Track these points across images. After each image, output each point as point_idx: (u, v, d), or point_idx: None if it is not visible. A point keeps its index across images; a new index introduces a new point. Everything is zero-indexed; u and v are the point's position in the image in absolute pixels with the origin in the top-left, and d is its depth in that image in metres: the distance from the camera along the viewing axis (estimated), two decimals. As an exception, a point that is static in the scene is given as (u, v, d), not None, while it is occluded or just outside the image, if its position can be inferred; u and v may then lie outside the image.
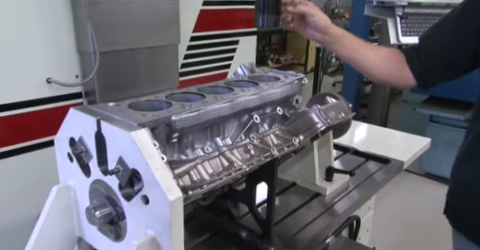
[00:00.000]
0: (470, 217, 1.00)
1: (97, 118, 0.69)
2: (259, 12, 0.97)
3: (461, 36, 0.96)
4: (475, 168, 0.96)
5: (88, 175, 0.77)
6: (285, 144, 0.94)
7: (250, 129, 0.91)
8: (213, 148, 0.85)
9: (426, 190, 2.96)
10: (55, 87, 1.26)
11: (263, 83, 0.97)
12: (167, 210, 0.62)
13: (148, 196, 0.65)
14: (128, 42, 1.32)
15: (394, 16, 1.58)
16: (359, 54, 1.07)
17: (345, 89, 3.88)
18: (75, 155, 0.78)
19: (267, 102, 0.93)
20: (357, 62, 1.07)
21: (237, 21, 1.82)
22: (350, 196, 1.28)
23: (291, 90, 1.00)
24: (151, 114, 0.72)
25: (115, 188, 0.71)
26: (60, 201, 0.82)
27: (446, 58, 1.00)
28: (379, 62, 1.07)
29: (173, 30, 1.45)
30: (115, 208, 0.73)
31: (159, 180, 0.61)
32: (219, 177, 0.79)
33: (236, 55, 1.88)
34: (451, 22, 0.99)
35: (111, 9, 1.25)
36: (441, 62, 1.00)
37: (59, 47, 1.25)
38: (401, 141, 1.84)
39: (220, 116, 0.81)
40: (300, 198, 1.25)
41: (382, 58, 1.07)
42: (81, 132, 0.74)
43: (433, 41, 1.03)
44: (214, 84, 0.95)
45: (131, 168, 0.65)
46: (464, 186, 1.01)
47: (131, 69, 1.37)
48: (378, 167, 1.48)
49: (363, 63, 1.08)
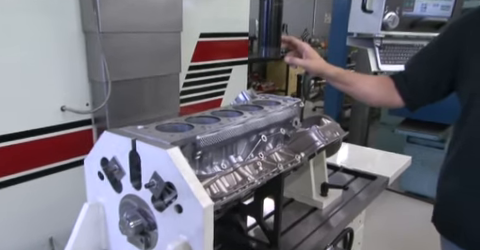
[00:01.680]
0: (455, 225, 1.13)
1: (132, 139, 0.79)
2: (262, 45, 1.11)
3: (440, 65, 1.13)
4: (458, 181, 1.10)
5: (119, 191, 0.86)
6: (289, 161, 1.06)
7: (258, 148, 1.02)
8: (228, 165, 0.95)
9: (407, 207, 3.10)
10: (68, 115, 1.35)
11: (267, 107, 1.10)
12: (200, 216, 0.71)
13: (182, 205, 0.74)
14: (135, 72, 1.43)
15: (373, 46, 1.77)
16: (353, 87, 1.26)
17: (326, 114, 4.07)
18: (107, 173, 0.86)
19: (272, 123, 1.05)
20: (352, 93, 1.27)
21: (230, 51, 1.97)
22: (344, 209, 1.40)
23: (291, 112, 1.13)
24: (178, 135, 0.83)
25: (147, 201, 0.80)
26: (90, 217, 0.90)
27: (429, 84, 1.16)
28: (371, 91, 1.26)
29: (175, 60, 1.58)
30: (147, 219, 0.81)
31: (193, 190, 0.71)
32: (235, 190, 0.89)
33: (229, 82, 2.02)
34: (431, 53, 1.17)
35: (121, 42, 1.37)
36: (425, 87, 1.17)
37: (72, 77, 1.35)
38: (384, 159, 1.99)
39: (234, 136, 0.93)
40: (299, 212, 1.35)
41: (374, 87, 1.25)
42: (114, 152, 0.84)
43: (417, 69, 1.20)
44: (224, 108, 1.07)
45: (165, 181, 0.75)
46: (449, 197, 1.14)
47: (137, 97, 1.47)
48: (366, 183, 1.61)
49: (358, 94, 1.28)
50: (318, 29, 8.07)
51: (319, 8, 8.11)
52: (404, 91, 1.18)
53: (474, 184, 1.06)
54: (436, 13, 1.75)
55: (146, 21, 1.40)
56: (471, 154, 1.06)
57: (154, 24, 1.43)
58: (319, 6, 8.07)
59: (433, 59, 1.14)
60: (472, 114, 1.05)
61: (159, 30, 1.46)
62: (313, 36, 7.75)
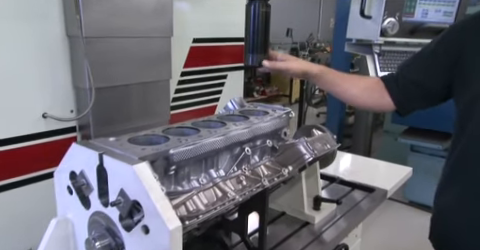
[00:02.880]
0: (451, 242, 1.05)
1: (99, 152, 0.73)
2: (248, 52, 1.05)
3: (434, 71, 1.06)
4: (452, 196, 1.03)
5: (88, 207, 0.80)
6: (275, 175, 1.00)
7: (242, 161, 0.96)
8: (207, 179, 0.89)
9: (410, 218, 3.01)
10: (50, 122, 1.30)
11: (253, 117, 1.04)
12: (167, 239, 0.65)
13: (148, 226, 0.68)
14: (122, 78, 1.38)
15: (372, 53, 1.70)
16: (339, 88, 1.17)
17: (329, 120, 4.00)
18: (75, 188, 0.81)
19: (257, 135, 0.99)
20: (337, 95, 1.18)
21: (225, 57, 1.91)
22: (338, 224, 1.32)
23: (279, 123, 1.07)
24: (150, 148, 0.77)
25: (115, 219, 0.74)
26: (58, 233, 0.85)
27: (421, 88, 1.09)
28: (359, 93, 1.17)
29: (165, 66, 1.52)
30: (114, 239, 0.76)
31: (160, 211, 0.65)
32: (213, 207, 0.83)
33: (225, 89, 1.96)
34: (426, 57, 1.10)
35: (106, 47, 1.32)
36: (417, 92, 1.10)
37: (55, 83, 1.30)
38: (384, 170, 1.91)
39: (214, 149, 0.87)
40: (289, 227, 1.28)
41: (362, 89, 1.17)
42: (83, 166, 0.78)
43: (410, 72, 1.13)
44: (207, 119, 1.01)
45: (132, 199, 0.69)
46: (444, 213, 1.07)
47: (124, 104, 1.42)
48: (363, 196, 1.53)
49: (344, 96, 1.19)
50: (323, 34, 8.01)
51: (325, 12, 8.06)
52: (394, 93, 1.11)
53: (472, 201, 0.98)
54: (438, 19, 1.68)
55: (133, 25, 1.35)
56: (467, 168, 0.99)
57: (142, 28, 1.38)
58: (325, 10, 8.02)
59: (429, 63, 1.07)
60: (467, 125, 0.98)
61: (147, 35, 1.41)
62: (318, 40, 7.69)
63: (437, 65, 1.07)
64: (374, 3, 1.62)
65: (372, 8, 1.63)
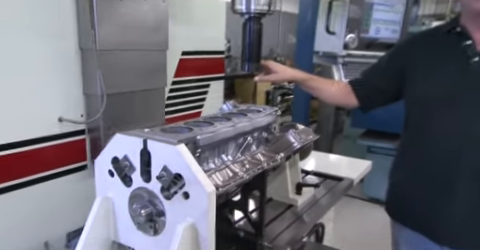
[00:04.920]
0: (402, 208, 1.36)
1: (144, 138, 0.93)
2: (245, 61, 1.29)
3: (389, 74, 1.37)
4: (404, 171, 1.34)
5: (129, 185, 0.99)
6: (270, 160, 1.23)
7: (245, 149, 1.19)
8: (220, 162, 1.11)
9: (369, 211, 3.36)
10: (64, 125, 1.45)
11: (250, 114, 1.27)
12: (206, 200, 0.86)
13: (189, 192, 0.89)
14: (126, 86, 1.57)
15: (337, 63, 2.01)
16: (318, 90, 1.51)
17: (294, 127, 4.31)
18: (118, 170, 0.99)
19: (256, 128, 1.23)
20: (319, 95, 1.53)
21: (209, 68, 2.15)
22: (316, 206, 1.58)
23: (271, 119, 1.31)
24: (181, 135, 0.98)
25: (156, 191, 0.94)
26: (101, 210, 1.02)
27: (379, 89, 1.40)
28: (333, 94, 1.50)
29: (161, 75, 1.73)
30: (155, 207, 0.95)
31: (199, 178, 0.87)
32: (228, 183, 1.05)
33: (208, 96, 2.18)
34: (382, 63, 1.41)
35: (115, 59, 1.50)
36: (376, 91, 1.41)
37: (68, 91, 1.46)
38: (348, 164, 2.21)
39: (227, 137, 1.09)
40: (277, 210, 1.52)
41: (335, 91, 1.50)
42: (126, 151, 0.97)
43: (370, 76, 1.45)
44: (214, 115, 1.24)
45: (174, 173, 0.90)
46: (397, 185, 1.37)
47: (128, 108, 1.60)
48: (335, 184, 1.81)
49: (324, 95, 1.54)
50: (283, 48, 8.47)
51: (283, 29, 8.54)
52: (358, 93, 1.42)
53: (416, 175, 1.29)
54: (388, 36, 2.03)
55: (137, 40, 1.55)
56: (413, 151, 1.30)
57: (144, 42, 1.59)
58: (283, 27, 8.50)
59: (383, 70, 1.38)
60: (411, 119, 1.30)
61: (148, 48, 1.61)
62: (278, 55, 8.12)
63: (390, 72, 1.37)
64: (337, 21, 1.94)
65: (335, 26, 1.94)
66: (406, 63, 1.31)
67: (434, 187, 1.23)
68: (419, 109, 1.28)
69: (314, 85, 1.47)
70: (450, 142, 1.19)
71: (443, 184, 1.21)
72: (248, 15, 1.25)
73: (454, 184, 1.19)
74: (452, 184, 1.19)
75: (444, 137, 1.20)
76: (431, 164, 1.23)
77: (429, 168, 1.24)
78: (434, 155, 1.23)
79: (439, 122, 1.21)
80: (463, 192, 1.18)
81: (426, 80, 1.24)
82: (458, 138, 1.17)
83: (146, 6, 1.56)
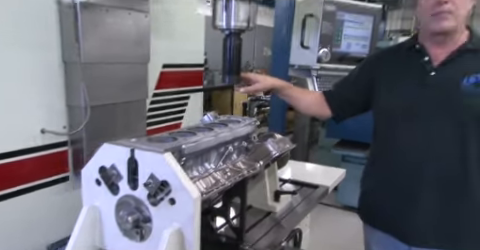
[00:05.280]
0: (373, 213, 1.45)
1: (131, 148, 0.98)
2: (226, 73, 1.37)
3: (358, 86, 1.48)
4: (373, 180, 1.44)
5: (116, 193, 1.03)
6: (250, 168, 1.30)
7: (226, 157, 1.25)
8: (203, 170, 1.16)
9: (343, 218, 3.47)
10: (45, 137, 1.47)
11: (231, 124, 1.34)
12: (191, 205, 0.92)
13: (175, 198, 0.94)
14: (110, 98, 1.60)
15: (311, 76, 2.12)
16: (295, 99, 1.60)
17: (270, 138, 4.41)
18: (105, 179, 1.03)
19: (237, 137, 1.29)
20: (296, 105, 1.62)
21: (188, 80, 2.21)
22: (293, 213, 1.65)
23: (251, 129, 1.38)
24: (167, 144, 1.03)
25: (143, 198, 0.98)
26: (88, 219, 1.05)
27: (350, 100, 1.51)
28: (308, 104, 1.59)
29: (143, 88, 1.77)
30: (142, 213, 0.99)
31: (185, 185, 0.92)
32: (211, 189, 1.10)
33: (188, 108, 2.24)
34: (353, 76, 1.52)
35: (98, 71, 1.54)
36: (347, 102, 1.51)
37: (51, 103, 1.48)
38: (323, 173, 2.30)
39: (210, 146, 1.15)
40: (257, 216, 1.58)
41: (311, 100, 1.59)
42: (113, 160, 1.02)
43: (342, 88, 1.55)
44: (196, 125, 1.29)
45: (161, 180, 0.94)
46: (367, 193, 1.47)
47: (111, 120, 1.64)
48: (311, 191, 1.88)
49: (301, 105, 1.63)
50: (258, 61, 8.65)
51: (258, 42, 8.73)
52: (331, 104, 1.52)
53: (384, 184, 1.39)
54: (357, 50, 2.16)
55: (120, 53, 1.60)
56: (381, 161, 1.41)
57: (126, 56, 1.63)
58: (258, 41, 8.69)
59: (353, 83, 1.49)
60: (377, 129, 1.40)
61: (130, 61, 1.66)
62: (254, 67, 8.29)
63: (359, 85, 1.48)
64: (311, 37, 2.05)
65: (309, 41, 2.05)
66: (373, 76, 1.42)
67: (400, 195, 1.34)
68: (384, 120, 1.38)
69: (292, 94, 1.56)
70: (412, 153, 1.29)
71: (408, 192, 1.32)
72: (228, 31, 1.33)
73: (418, 192, 1.30)
74: (416, 192, 1.30)
75: (407, 148, 1.31)
76: (397, 174, 1.34)
77: (395, 178, 1.35)
78: (399, 165, 1.34)
79: (402, 133, 1.32)
80: (426, 199, 1.29)
81: (389, 93, 1.35)
82: (419, 149, 1.28)
83: (129, 20, 1.62)
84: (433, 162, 1.27)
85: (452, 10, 1.19)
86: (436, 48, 1.29)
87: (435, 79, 1.26)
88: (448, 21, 1.20)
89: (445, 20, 1.20)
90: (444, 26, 1.22)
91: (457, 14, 1.20)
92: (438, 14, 1.20)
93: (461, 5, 1.19)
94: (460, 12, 1.20)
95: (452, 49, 1.26)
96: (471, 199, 1.27)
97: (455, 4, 1.18)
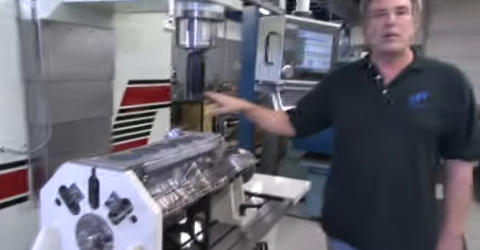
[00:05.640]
0: (333, 223, 1.50)
1: (92, 166, 0.98)
2: (189, 90, 1.40)
3: (318, 103, 1.54)
4: (334, 191, 1.49)
5: (77, 212, 1.02)
6: (214, 183, 1.32)
7: (190, 173, 1.27)
8: (166, 187, 1.17)
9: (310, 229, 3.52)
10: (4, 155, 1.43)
11: (195, 141, 1.36)
12: (152, 223, 0.93)
13: (136, 216, 0.94)
14: (72, 115, 1.59)
15: (275, 91, 2.18)
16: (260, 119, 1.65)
17: (240, 150, 4.44)
18: (66, 198, 1.02)
19: (200, 153, 1.32)
20: (261, 125, 1.67)
21: (155, 96, 2.22)
22: (259, 226, 1.68)
23: (214, 145, 1.41)
24: (129, 162, 1.04)
25: (104, 217, 0.98)
26: (47, 240, 1.03)
27: (311, 117, 1.57)
28: (273, 123, 1.64)
29: (107, 104, 1.77)
30: (103, 233, 0.99)
31: (146, 202, 0.93)
32: (174, 206, 1.12)
33: (155, 123, 2.24)
34: (313, 94, 1.59)
35: (60, 89, 1.53)
36: (309, 120, 1.57)
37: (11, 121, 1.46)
38: (289, 185, 2.35)
39: (172, 163, 1.16)
40: (222, 231, 1.59)
41: (275, 120, 1.64)
42: (74, 179, 1.01)
43: (304, 105, 1.61)
44: (161, 142, 1.31)
45: (122, 198, 0.95)
46: (329, 202, 1.52)
47: (74, 138, 1.62)
48: (276, 204, 1.92)
49: (265, 125, 1.67)
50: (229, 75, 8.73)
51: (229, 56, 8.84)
52: (294, 122, 1.58)
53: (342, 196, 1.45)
54: (319, 66, 2.25)
55: (83, 70, 1.60)
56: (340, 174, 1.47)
57: (90, 73, 1.63)
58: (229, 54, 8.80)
59: (314, 100, 1.56)
60: (336, 144, 1.47)
61: (94, 78, 1.66)
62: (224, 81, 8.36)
63: (319, 102, 1.55)
64: (274, 53, 2.12)
65: (273, 57, 2.13)
66: (331, 94, 1.49)
67: (358, 207, 1.41)
68: (342, 135, 1.46)
69: (257, 114, 1.61)
70: (368, 167, 1.37)
71: (365, 205, 1.39)
72: (191, 50, 1.36)
73: (374, 205, 1.37)
74: (372, 205, 1.37)
75: (363, 162, 1.38)
76: (354, 186, 1.40)
77: (353, 190, 1.41)
78: (356, 178, 1.40)
79: (358, 148, 1.39)
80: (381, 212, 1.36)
81: (346, 109, 1.42)
82: (375, 163, 1.35)
83: (92, 37, 1.62)
84: (387, 176, 1.34)
85: (398, 33, 1.28)
86: (387, 67, 1.38)
87: (387, 97, 1.35)
88: (396, 43, 1.30)
89: (393, 42, 1.30)
90: (393, 47, 1.31)
91: (403, 36, 1.30)
92: (387, 36, 1.29)
93: (406, 29, 1.30)
94: (405, 35, 1.30)
95: (401, 68, 1.35)
96: (422, 212, 1.36)
97: (401, 27, 1.28)
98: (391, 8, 1.28)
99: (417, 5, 1.31)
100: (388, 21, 1.28)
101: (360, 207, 1.40)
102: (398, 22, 1.28)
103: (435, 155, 1.35)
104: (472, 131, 1.32)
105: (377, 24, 1.31)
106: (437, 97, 1.30)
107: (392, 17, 1.28)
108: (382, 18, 1.29)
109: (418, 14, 1.32)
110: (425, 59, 1.42)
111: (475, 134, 1.32)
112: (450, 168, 1.38)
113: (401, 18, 1.28)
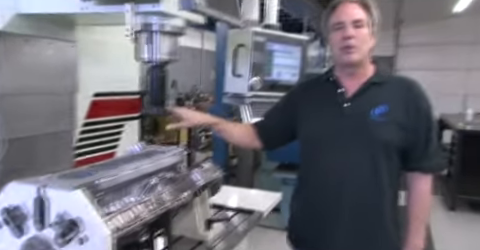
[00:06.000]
0: (300, 234, 1.49)
1: (38, 186, 0.94)
2: (151, 104, 1.37)
3: (285, 116, 1.54)
4: (300, 203, 1.48)
5: (21, 235, 0.97)
6: (175, 199, 1.29)
7: (149, 189, 1.23)
8: (123, 205, 1.13)
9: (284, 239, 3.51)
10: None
11: (156, 155, 1.33)
12: (102, 244, 0.89)
13: (85, 237, 0.90)
14: (31, 130, 1.54)
15: (244, 104, 2.17)
16: (228, 134, 1.61)
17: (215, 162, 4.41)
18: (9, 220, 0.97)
19: (160, 169, 1.28)
20: (228, 139, 1.64)
21: (123, 108, 2.17)
22: (226, 240, 1.65)
23: (176, 159, 1.38)
24: (80, 180, 1.00)
25: (50, 239, 0.94)
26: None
27: (278, 130, 1.56)
28: (241, 136, 1.61)
29: (69, 118, 1.72)
30: (50, 255, 0.94)
31: (96, 223, 0.89)
32: (130, 224, 1.08)
33: (123, 137, 2.19)
34: (279, 107, 1.58)
35: (15, 103, 1.48)
36: (275, 133, 1.56)
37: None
38: (260, 197, 2.34)
39: (129, 180, 1.13)
40: (188, 246, 1.55)
41: (242, 133, 1.61)
42: (19, 200, 0.96)
43: (270, 118, 1.60)
44: (121, 157, 1.27)
45: (70, 219, 0.91)
46: (295, 213, 1.51)
47: (32, 153, 1.56)
48: (245, 217, 1.90)
49: (232, 139, 1.64)
50: (206, 85, 8.72)
51: (206, 66, 8.84)
52: (261, 135, 1.56)
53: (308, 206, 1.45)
54: (288, 78, 2.26)
55: (41, 84, 1.55)
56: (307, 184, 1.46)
57: (49, 86, 1.58)
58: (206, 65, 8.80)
59: (280, 113, 1.55)
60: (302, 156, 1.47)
61: (54, 92, 1.61)
62: (202, 91, 8.34)
63: (286, 114, 1.55)
64: (243, 65, 2.11)
65: (241, 69, 2.12)
66: (297, 106, 1.49)
67: (322, 220, 1.40)
68: (307, 148, 1.45)
69: (223, 128, 1.59)
70: (333, 179, 1.37)
71: (329, 218, 1.38)
72: (152, 63, 1.34)
73: (338, 218, 1.36)
74: (336, 218, 1.37)
75: (327, 175, 1.38)
76: (319, 199, 1.40)
77: (318, 203, 1.41)
78: (321, 191, 1.40)
79: (323, 161, 1.39)
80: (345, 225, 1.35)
81: (311, 122, 1.42)
82: (339, 176, 1.35)
83: (51, 49, 1.58)
84: (351, 188, 1.34)
85: (356, 45, 1.30)
86: (349, 80, 1.39)
87: (349, 110, 1.36)
88: (354, 54, 1.32)
89: (351, 54, 1.32)
90: (351, 59, 1.33)
91: (360, 49, 1.32)
92: (345, 48, 1.31)
93: (363, 41, 1.32)
94: (363, 47, 1.32)
95: (362, 82, 1.37)
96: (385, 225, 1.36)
97: (359, 40, 1.30)
98: (348, 21, 1.31)
99: (374, 19, 1.34)
100: (345, 34, 1.30)
101: (324, 219, 1.39)
102: (356, 35, 1.30)
103: (397, 167, 1.36)
104: (430, 144, 1.34)
105: (336, 37, 1.33)
106: (396, 111, 1.31)
107: (349, 30, 1.30)
108: (340, 31, 1.32)
109: (375, 28, 1.35)
110: (386, 72, 1.44)
111: (432, 147, 1.34)
112: (410, 181, 1.39)
113: (359, 31, 1.31)
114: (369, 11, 1.33)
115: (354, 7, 1.32)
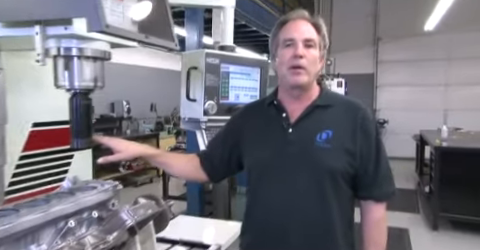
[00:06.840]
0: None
1: None
2: (74, 137, 1.23)
3: (227, 146, 1.41)
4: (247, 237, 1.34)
5: None
6: (101, 242, 1.14)
7: (66, 234, 1.09)
8: (28, 255, 0.98)
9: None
10: None
11: (80, 192, 1.19)
12: None
13: None
14: None
15: (200, 129, 2.05)
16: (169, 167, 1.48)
17: (189, 188, 4.25)
18: None
19: (83, 208, 1.14)
20: (169, 172, 1.50)
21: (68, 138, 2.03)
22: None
23: (106, 196, 1.24)
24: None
25: None
26: None
27: (222, 160, 1.43)
28: (182, 169, 1.47)
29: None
30: None
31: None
32: (34, 279, 0.93)
33: (71, 168, 2.03)
34: (221, 135, 1.46)
35: None
36: (220, 163, 1.43)
37: None
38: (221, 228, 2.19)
39: (34, 225, 0.98)
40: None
41: (183, 166, 1.48)
42: None
43: (213, 148, 1.47)
44: (33, 199, 1.12)
45: None
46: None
47: None
48: (201, 252, 1.74)
49: (174, 172, 1.51)
50: (186, 107, 8.61)
51: (186, 88, 8.77)
52: (205, 166, 1.43)
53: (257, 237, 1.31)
54: (247, 100, 2.16)
55: (-38, 116, 1.41)
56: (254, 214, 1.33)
57: (-28, 118, 1.45)
58: (185, 87, 8.73)
59: (222, 142, 1.43)
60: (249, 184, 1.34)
61: (-22, 124, 1.47)
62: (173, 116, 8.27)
63: (229, 143, 1.43)
64: (197, 89, 2.01)
65: (195, 93, 2.01)
66: (241, 132, 1.38)
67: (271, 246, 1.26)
68: (251, 177, 1.33)
69: (161, 161, 1.46)
70: (279, 208, 1.25)
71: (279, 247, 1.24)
72: (73, 91, 1.22)
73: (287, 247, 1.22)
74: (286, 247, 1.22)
75: (274, 204, 1.26)
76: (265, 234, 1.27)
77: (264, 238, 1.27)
78: (269, 220, 1.27)
79: (269, 189, 1.27)
80: None
81: (254, 149, 1.31)
82: (286, 204, 1.23)
83: (-26, 79, 1.45)
84: (299, 216, 1.22)
85: (306, 66, 1.22)
86: (293, 103, 1.29)
87: (293, 136, 1.26)
88: (303, 76, 1.23)
89: (300, 75, 1.23)
90: (300, 81, 1.24)
91: (310, 71, 1.23)
92: (294, 68, 1.22)
93: (313, 63, 1.25)
94: (312, 69, 1.24)
95: (306, 104, 1.27)
96: None
97: (309, 61, 1.22)
98: (300, 39, 1.22)
99: (325, 43, 1.26)
100: (296, 52, 1.22)
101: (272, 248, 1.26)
102: (306, 55, 1.21)
103: (347, 194, 1.24)
104: (379, 169, 1.23)
105: (286, 54, 1.24)
106: (342, 135, 1.22)
107: (300, 48, 1.21)
108: (291, 49, 1.23)
109: (325, 51, 1.27)
110: (331, 94, 1.35)
111: (382, 172, 1.24)
112: (363, 209, 1.28)
113: (309, 52, 1.23)
114: (320, 33, 1.25)
115: (307, 25, 1.24)
